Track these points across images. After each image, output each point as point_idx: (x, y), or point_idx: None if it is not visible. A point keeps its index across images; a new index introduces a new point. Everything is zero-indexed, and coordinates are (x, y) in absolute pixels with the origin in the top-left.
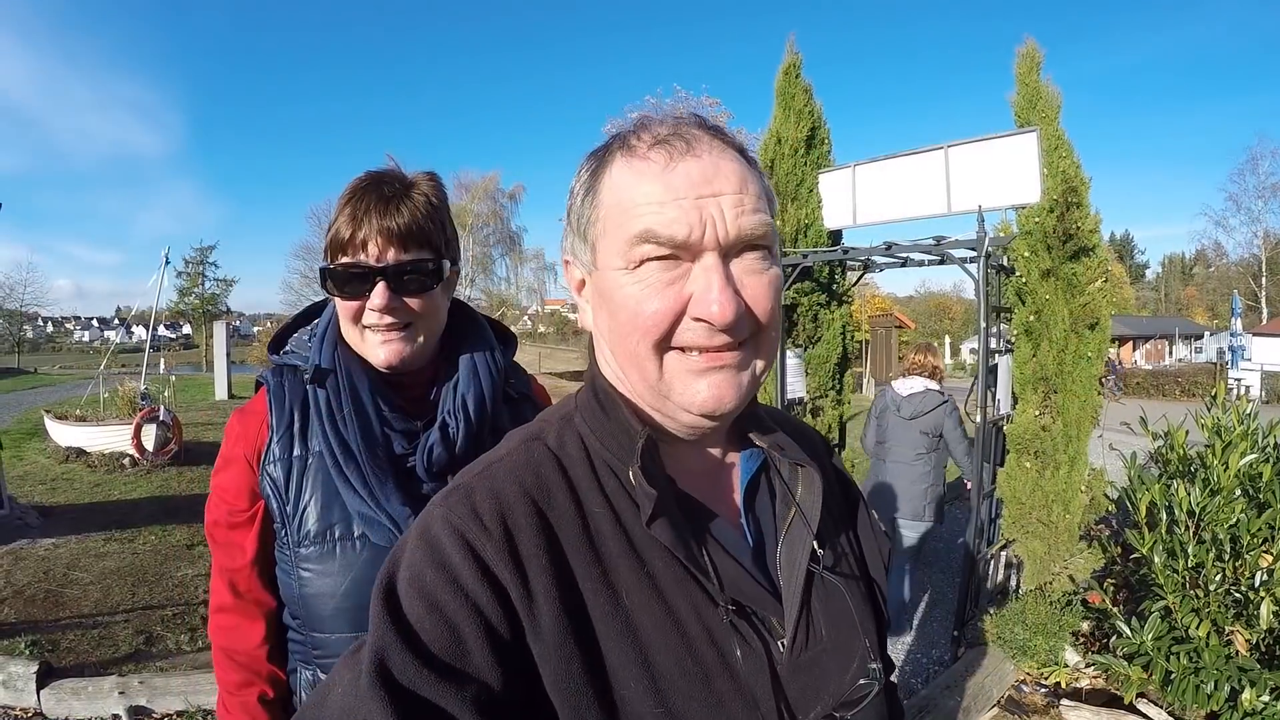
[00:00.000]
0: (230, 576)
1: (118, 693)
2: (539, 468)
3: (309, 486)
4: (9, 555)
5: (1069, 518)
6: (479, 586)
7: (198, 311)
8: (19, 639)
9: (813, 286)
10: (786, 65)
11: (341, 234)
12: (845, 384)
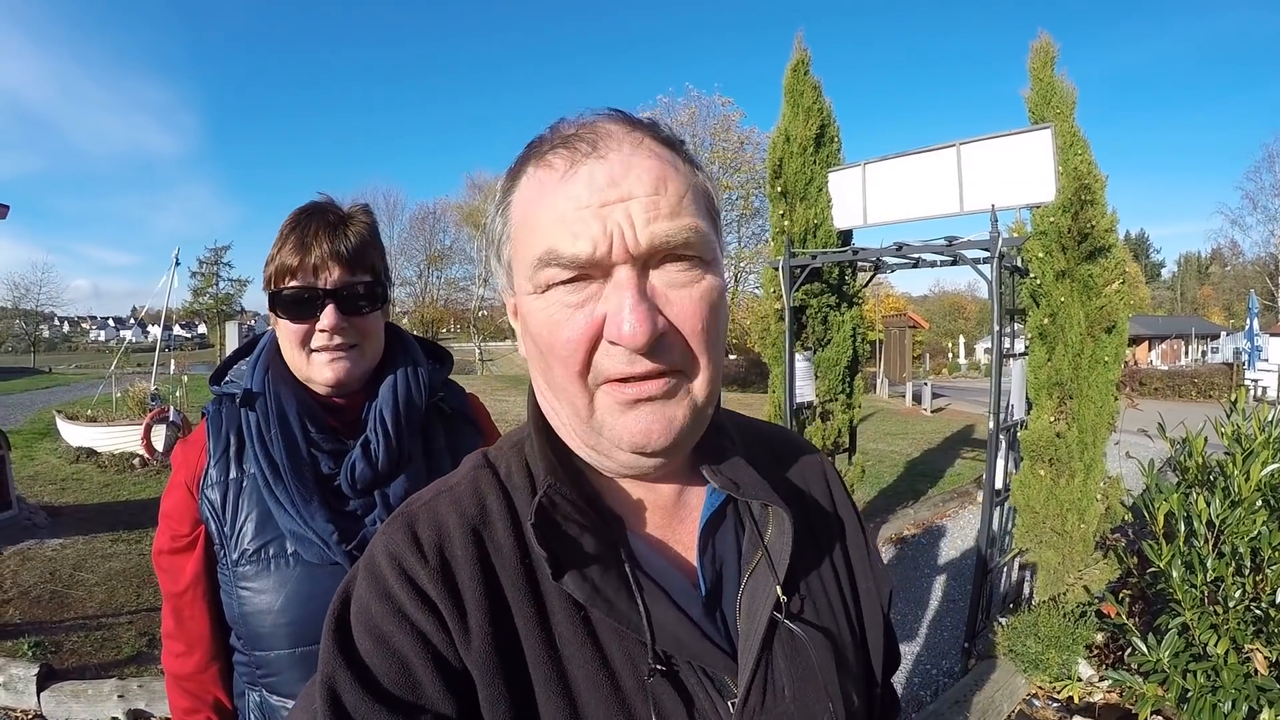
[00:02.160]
0: (174, 602)
1: (117, 695)
2: (484, 498)
3: (244, 506)
4: (16, 556)
5: (1084, 527)
6: (421, 615)
7: (212, 311)
8: (23, 640)
9: (822, 288)
10: (795, 62)
11: (288, 260)
12: (856, 387)
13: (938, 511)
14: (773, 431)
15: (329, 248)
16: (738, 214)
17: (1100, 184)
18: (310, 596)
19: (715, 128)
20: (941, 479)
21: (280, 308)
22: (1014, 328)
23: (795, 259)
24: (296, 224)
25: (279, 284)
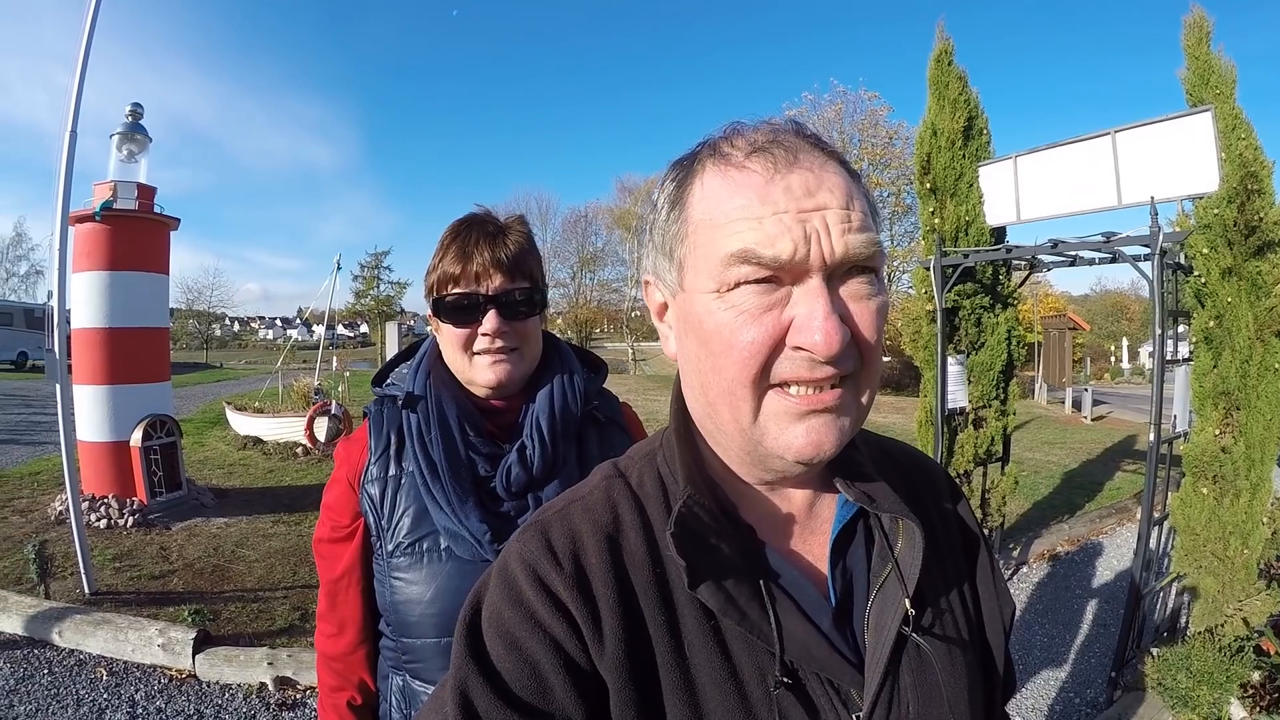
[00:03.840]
0: (330, 587)
1: (267, 663)
2: (617, 506)
3: (402, 502)
4: (184, 531)
5: (1247, 553)
6: (554, 621)
7: (373, 312)
8: (184, 607)
9: (975, 288)
10: (937, 52)
11: (451, 269)
12: (1011, 393)
13: (1094, 528)
14: (898, 447)
15: (489, 256)
16: (889, 212)
17: (1268, 171)
18: (458, 591)
19: (863, 123)
20: (1100, 493)
21: (444, 313)
22: (1178, 331)
23: (947, 258)
24: (457, 234)
25: (442, 291)
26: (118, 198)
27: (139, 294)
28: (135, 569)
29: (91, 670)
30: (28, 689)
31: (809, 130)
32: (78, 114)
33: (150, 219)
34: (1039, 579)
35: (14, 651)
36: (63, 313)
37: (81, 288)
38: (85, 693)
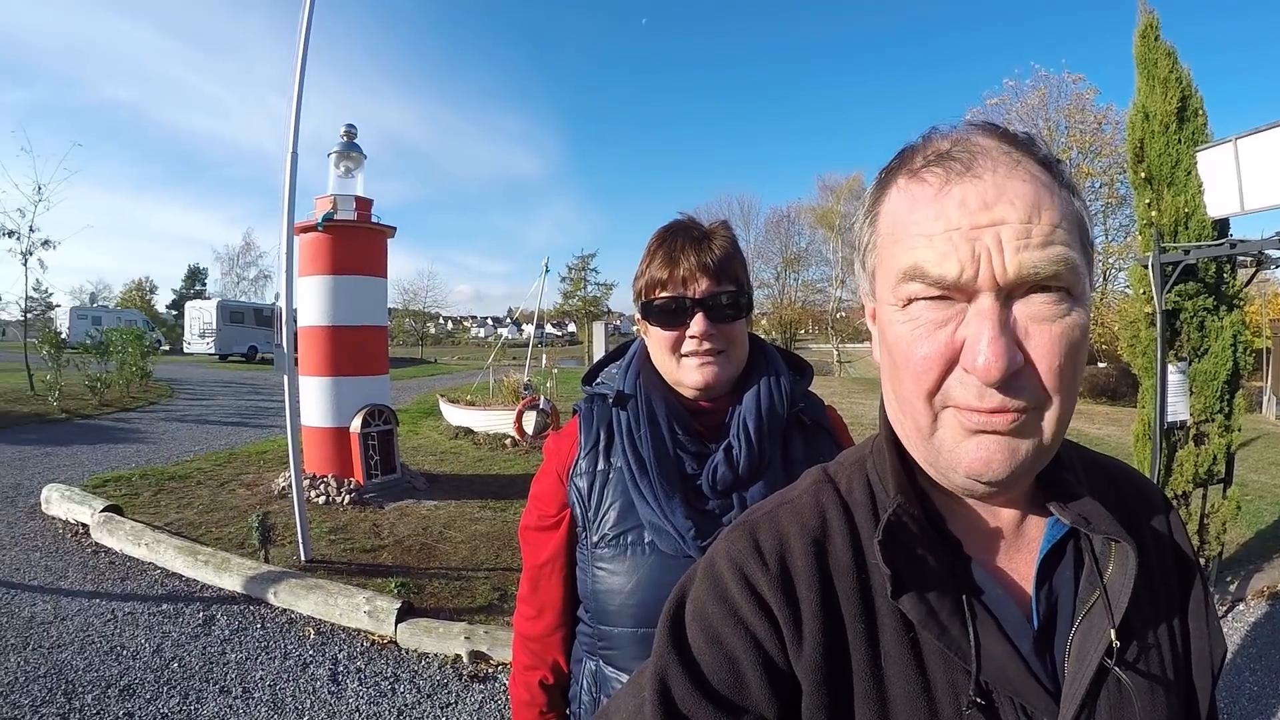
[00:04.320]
0: (533, 573)
1: (464, 637)
2: (825, 511)
3: (609, 496)
4: (396, 511)
5: None
6: (756, 619)
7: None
8: (391, 579)
9: (1197, 288)
10: (1142, 27)
11: (658, 274)
12: (1236, 406)
13: None
14: (1114, 465)
15: (696, 260)
16: (1101, 204)
17: None
18: (659, 584)
19: (1068, 109)
20: None
21: (652, 317)
22: None
23: (1166, 255)
24: (663, 240)
25: (650, 295)
26: (338, 210)
27: (359, 295)
28: (348, 542)
29: (300, 629)
30: (240, 639)
31: (1004, 129)
32: (297, 137)
33: (368, 228)
34: (1256, 619)
35: (232, 606)
36: (290, 312)
37: (307, 290)
38: (292, 648)
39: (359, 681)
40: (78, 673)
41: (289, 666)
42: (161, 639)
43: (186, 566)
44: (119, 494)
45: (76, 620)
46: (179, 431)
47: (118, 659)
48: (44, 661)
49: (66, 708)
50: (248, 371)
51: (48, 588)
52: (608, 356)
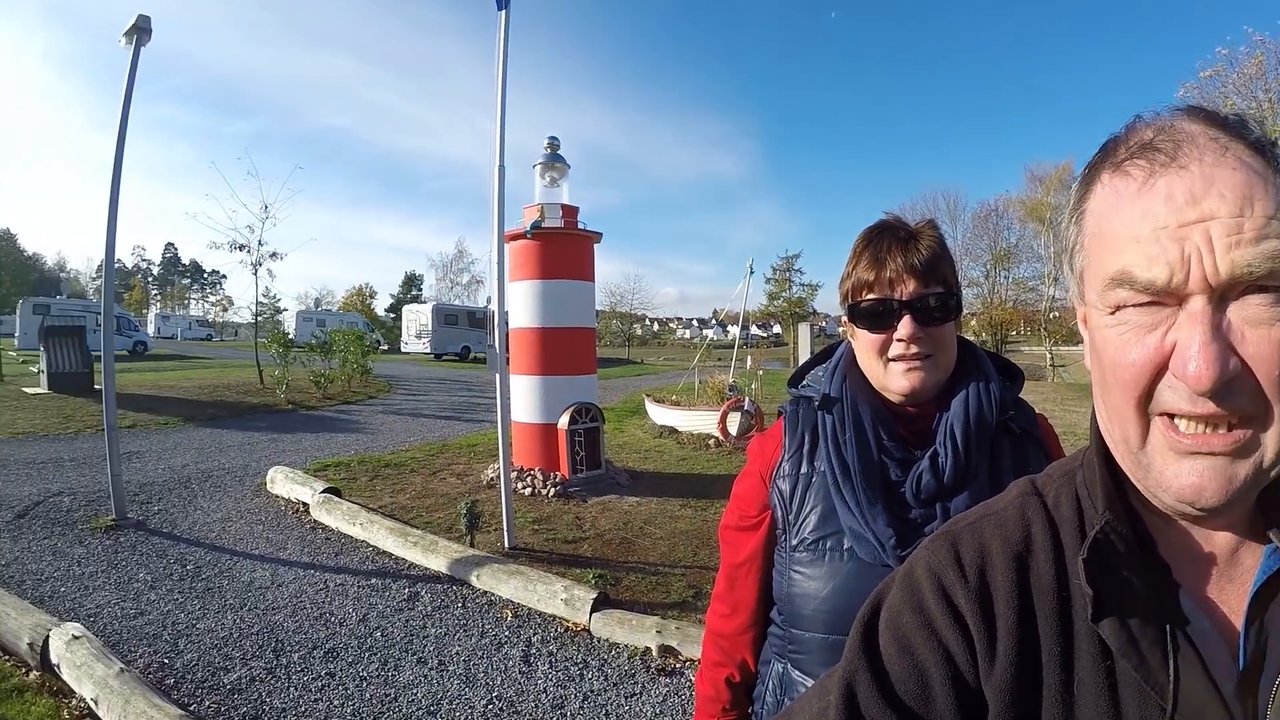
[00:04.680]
0: (730, 571)
1: (655, 630)
2: (1030, 525)
3: (810, 499)
4: (599, 505)
5: None
6: (950, 632)
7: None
8: (590, 571)
9: None
10: None
11: (865, 275)
12: None
13: None
14: None
15: (902, 262)
16: None
17: None
18: (854, 592)
19: None
20: None
21: (859, 319)
22: None
23: None
24: (870, 241)
25: (856, 297)
26: (545, 218)
27: (568, 298)
28: (551, 533)
29: (499, 611)
30: (441, 616)
31: (1210, 112)
32: (503, 151)
33: (575, 234)
34: None
35: (436, 585)
36: (501, 315)
37: (518, 294)
38: (489, 628)
39: (549, 664)
40: (288, 633)
41: (484, 645)
42: (367, 610)
43: (397, 546)
44: (338, 478)
45: (291, 588)
46: (395, 424)
47: (326, 624)
48: (258, 621)
49: (274, 663)
50: (460, 370)
51: (268, 557)
52: (814, 359)
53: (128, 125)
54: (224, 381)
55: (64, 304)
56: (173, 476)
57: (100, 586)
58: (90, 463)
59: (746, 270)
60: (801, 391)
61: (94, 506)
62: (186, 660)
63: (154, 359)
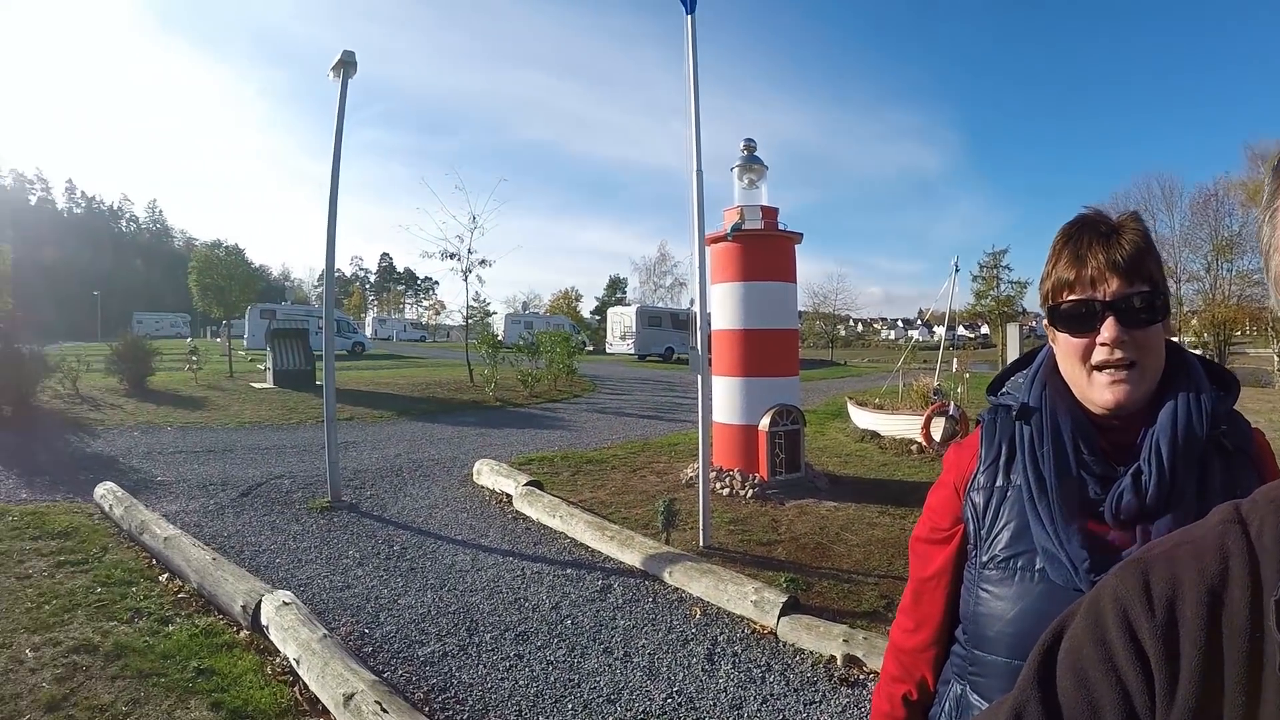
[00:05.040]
0: (917, 585)
1: (842, 639)
2: (1228, 558)
3: (1004, 515)
4: (796, 509)
5: None
6: (1131, 670)
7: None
8: (781, 574)
9: None
10: None
11: (1064, 274)
12: None
13: None
14: None
15: (1104, 259)
16: None
17: None
18: (1041, 615)
19: None
20: None
21: (1059, 322)
22: None
23: None
24: (1069, 238)
25: (1056, 299)
26: (745, 220)
27: (769, 300)
28: (746, 534)
29: (688, 608)
30: (631, 609)
31: None
32: (699, 155)
33: (775, 235)
34: None
35: (629, 579)
36: (704, 316)
37: (719, 296)
38: (677, 623)
39: (732, 664)
40: (483, 615)
41: (670, 640)
42: (560, 598)
43: (594, 539)
44: (541, 472)
45: (490, 572)
46: (599, 421)
47: (519, 609)
48: (456, 601)
49: (467, 641)
50: (663, 370)
51: (470, 543)
52: (1015, 364)
53: (341, 148)
54: (436, 379)
55: (289, 309)
56: (385, 465)
57: (312, 560)
58: (310, 450)
59: (951, 268)
60: (1000, 399)
61: (311, 489)
62: (385, 631)
63: (371, 358)
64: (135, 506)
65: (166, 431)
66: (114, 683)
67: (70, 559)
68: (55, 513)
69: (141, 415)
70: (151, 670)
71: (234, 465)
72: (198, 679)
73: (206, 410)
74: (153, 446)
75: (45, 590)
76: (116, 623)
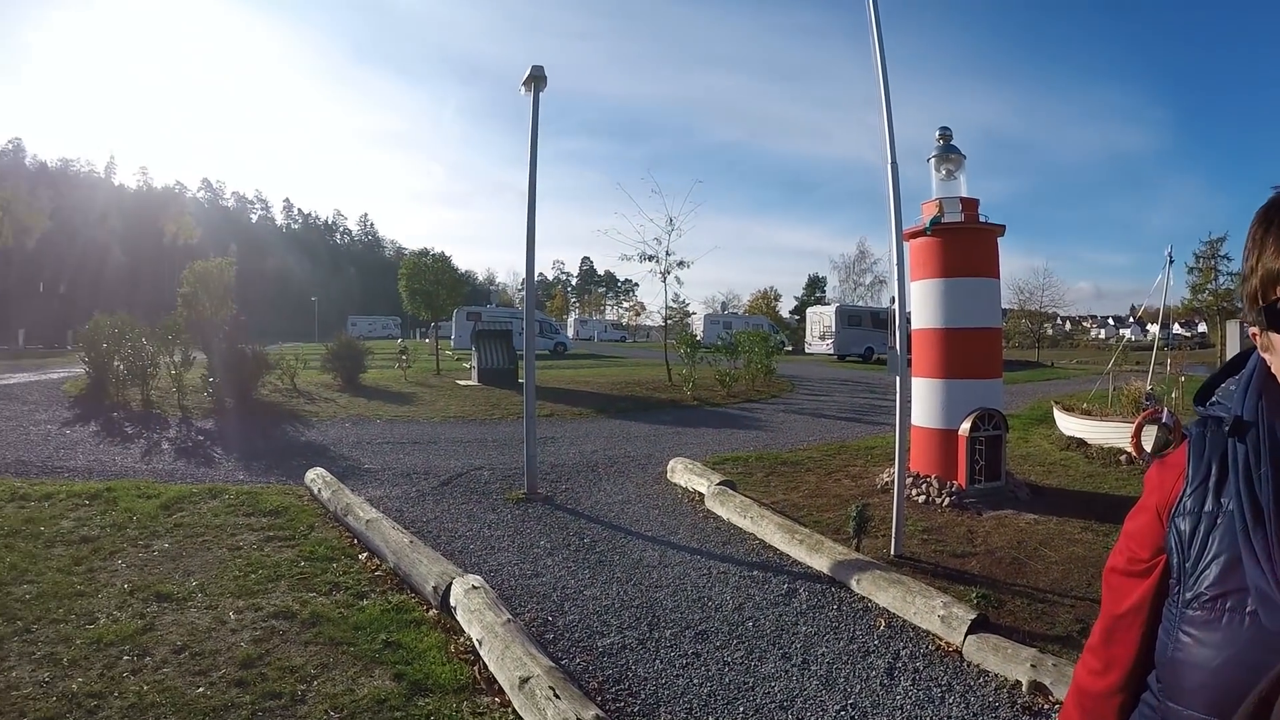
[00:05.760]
0: (1109, 622)
1: (1029, 664)
2: None
3: (1213, 545)
4: (993, 520)
5: None
6: None
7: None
8: (973, 589)
9: None
10: None
11: (1273, 264)
12: None
13: None
14: None
15: None
16: None
17: None
18: (1252, 668)
19: None
20: None
21: (1273, 322)
22: None
23: None
24: (1270, 223)
25: (1267, 296)
26: (944, 213)
27: (971, 297)
28: (939, 544)
29: (872, 618)
30: (814, 615)
31: None
32: (893, 147)
33: (976, 228)
34: None
35: (814, 584)
36: (902, 315)
37: (918, 294)
38: (859, 634)
39: (912, 681)
40: (665, 611)
41: (851, 650)
42: (744, 600)
43: (782, 542)
44: (734, 472)
45: (676, 570)
46: (795, 422)
47: (702, 607)
48: (640, 596)
49: (647, 635)
50: (863, 371)
51: (659, 539)
52: (1225, 366)
53: (537, 159)
54: (635, 379)
55: (493, 311)
56: (581, 460)
57: (504, 549)
58: (509, 444)
59: (1166, 259)
60: (1210, 410)
61: (508, 481)
62: (568, 620)
63: (572, 358)
64: (342, 490)
65: (375, 424)
66: (306, 647)
67: (278, 535)
68: (268, 493)
69: (353, 409)
70: (342, 639)
71: (436, 456)
72: (384, 650)
73: (413, 405)
74: (362, 437)
75: (253, 561)
76: (315, 594)
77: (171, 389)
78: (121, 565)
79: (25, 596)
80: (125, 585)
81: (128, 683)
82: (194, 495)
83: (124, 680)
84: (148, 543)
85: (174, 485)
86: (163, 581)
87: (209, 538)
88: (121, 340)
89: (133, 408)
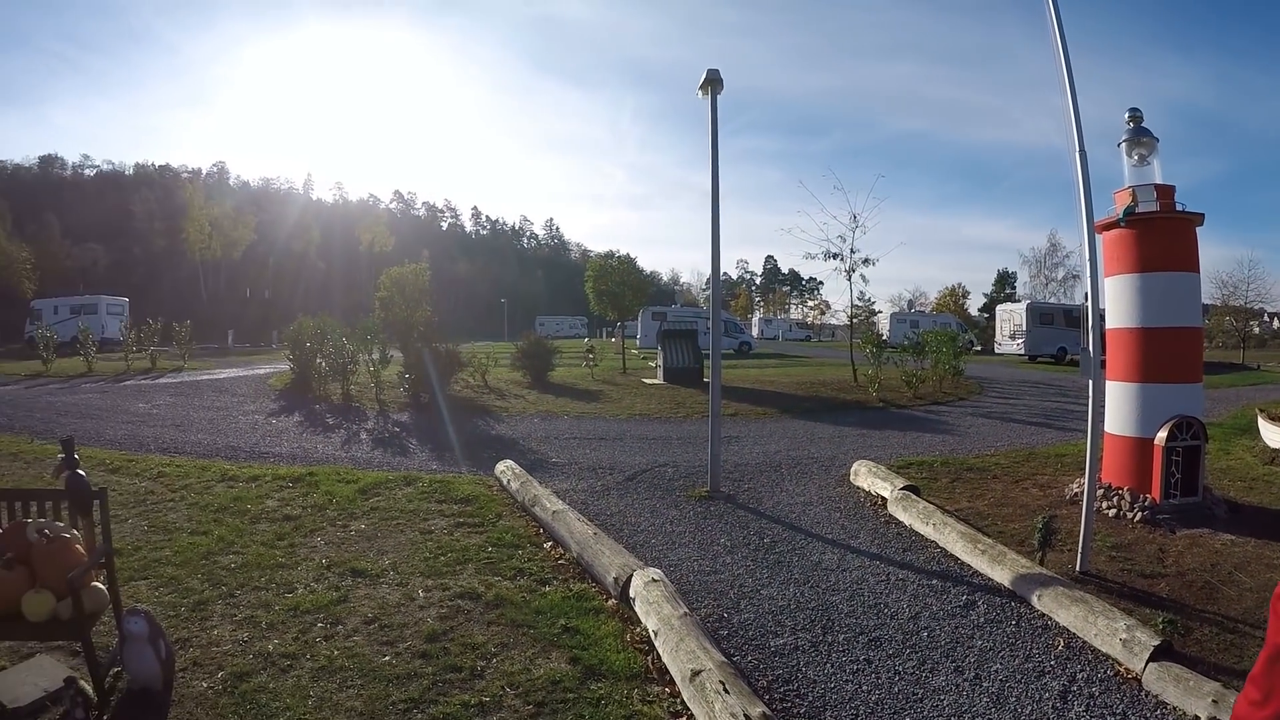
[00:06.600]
0: (1272, 651)
1: (1211, 699)
2: None
3: None
4: (1187, 539)
5: None
6: None
7: None
8: (1159, 613)
9: None
10: None
11: None
12: None
13: None
14: None
15: None
16: None
17: None
18: None
19: None
20: None
21: None
22: None
23: None
24: None
25: None
26: (1138, 202)
27: (1168, 293)
28: (1127, 562)
29: (1050, 637)
30: (991, 629)
31: None
32: (1081, 133)
33: (1172, 218)
34: None
35: (994, 597)
36: (1096, 313)
37: (1112, 290)
38: (1036, 652)
39: (1085, 707)
40: (840, 615)
41: (1025, 669)
42: (921, 609)
43: (964, 552)
44: (918, 477)
45: (854, 574)
46: (983, 427)
47: (877, 614)
48: (816, 598)
49: (820, 639)
50: (1056, 373)
51: (838, 542)
52: None
53: (718, 159)
54: (820, 379)
55: (678, 311)
56: (765, 460)
57: (685, 544)
58: (693, 442)
59: None
60: None
61: (691, 479)
62: (743, 618)
63: (757, 357)
64: (530, 482)
65: (563, 420)
66: (489, 627)
67: (468, 521)
68: (459, 482)
69: (541, 405)
70: (523, 621)
71: (621, 452)
72: (563, 635)
73: (600, 402)
74: (549, 432)
75: (443, 544)
76: (500, 578)
77: (370, 384)
78: (320, 542)
79: (231, 565)
80: (323, 560)
81: (319, 647)
82: (389, 482)
83: (316, 645)
84: (345, 523)
85: (371, 472)
86: (358, 559)
87: (402, 521)
88: (323, 339)
89: (333, 401)
